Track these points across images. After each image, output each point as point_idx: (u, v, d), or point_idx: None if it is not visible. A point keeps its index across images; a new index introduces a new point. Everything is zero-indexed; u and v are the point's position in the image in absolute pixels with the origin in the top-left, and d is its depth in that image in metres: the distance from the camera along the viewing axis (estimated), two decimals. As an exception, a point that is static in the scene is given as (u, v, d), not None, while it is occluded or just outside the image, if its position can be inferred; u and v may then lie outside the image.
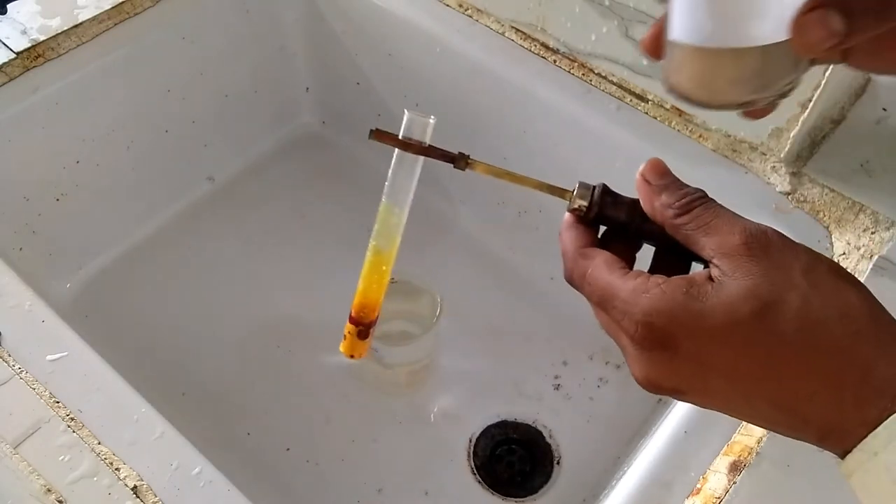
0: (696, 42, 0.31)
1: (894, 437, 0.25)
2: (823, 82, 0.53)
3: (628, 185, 0.34)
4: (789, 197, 0.58)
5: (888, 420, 0.25)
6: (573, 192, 0.34)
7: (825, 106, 0.58)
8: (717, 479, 0.45)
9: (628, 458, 0.60)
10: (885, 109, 0.63)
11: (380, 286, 0.36)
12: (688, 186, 0.32)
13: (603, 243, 0.34)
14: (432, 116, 0.34)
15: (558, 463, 0.66)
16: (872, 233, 0.55)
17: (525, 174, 0.35)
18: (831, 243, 0.55)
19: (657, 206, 0.31)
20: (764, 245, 0.28)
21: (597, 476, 0.64)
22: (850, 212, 0.56)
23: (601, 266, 0.31)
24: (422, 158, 0.34)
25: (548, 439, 0.67)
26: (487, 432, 0.68)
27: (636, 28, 0.59)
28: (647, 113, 0.63)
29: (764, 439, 0.46)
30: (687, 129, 0.62)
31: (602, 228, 0.35)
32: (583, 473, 0.65)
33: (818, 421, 0.27)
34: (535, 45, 0.67)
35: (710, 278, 0.28)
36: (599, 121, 0.63)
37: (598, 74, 0.64)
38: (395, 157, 0.35)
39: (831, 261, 0.29)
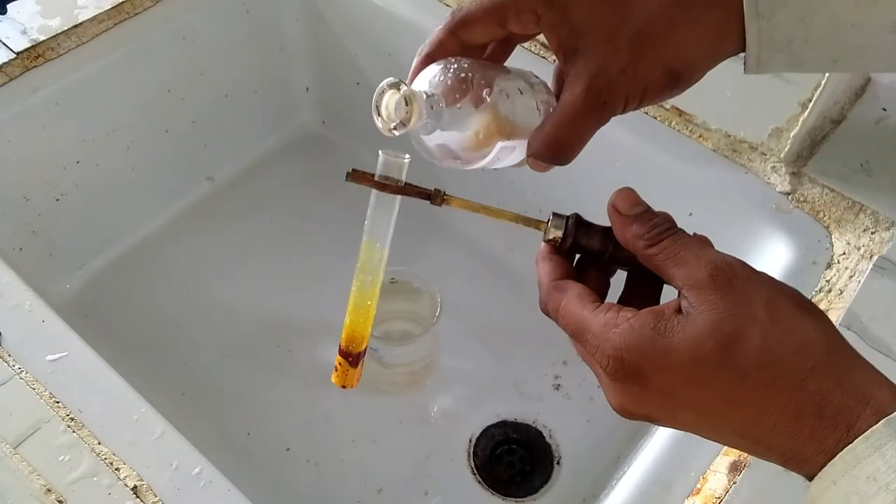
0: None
1: (850, 468, 0.26)
2: (823, 82, 0.54)
3: (628, 185, 0.34)
4: (789, 197, 0.58)
5: (843, 451, 0.26)
6: (548, 224, 0.36)
7: (825, 106, 0.58)
8: (717, 479, 0.45)
9: (628, 458, 0.60)
10: (885, 109, 0.63)
11: (366, 319, 0.37)
12: (657, 216, 0.32)
13: (578, 270, 0.36)
14: (407, 155, 0.35)
15: (558, 463, 0.66)
16: (872, 233, 0.55)
17: (500, 207, 0.37)
18: (831, 243, 0.55)
19: (629, 236, 0.32)
20: (729, 278, 0.29)
21: (597, 476, 0.64)
22: (850, 212, 0.56)
23: (573, 300, 0.32)
24: (399, 197, 0.35)
25: (548, 439, 0.67)
26: (487, 432, 0.68)
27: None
28: (647, 113, 0.63)
29: (764, 439, 0.46)
30: (687, 129, 0.62)
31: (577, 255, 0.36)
32: (583, 473, 0.65)
33: (780, 449, 0.28)
34: (535, 46, 0.67)
35: (679, 310, 0.29)
36: (599, 121, 0.63)
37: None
38: (372, 196, 0.36)
39: (794, 292, 0.30)
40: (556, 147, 0.33)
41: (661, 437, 0.49)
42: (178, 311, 0.73)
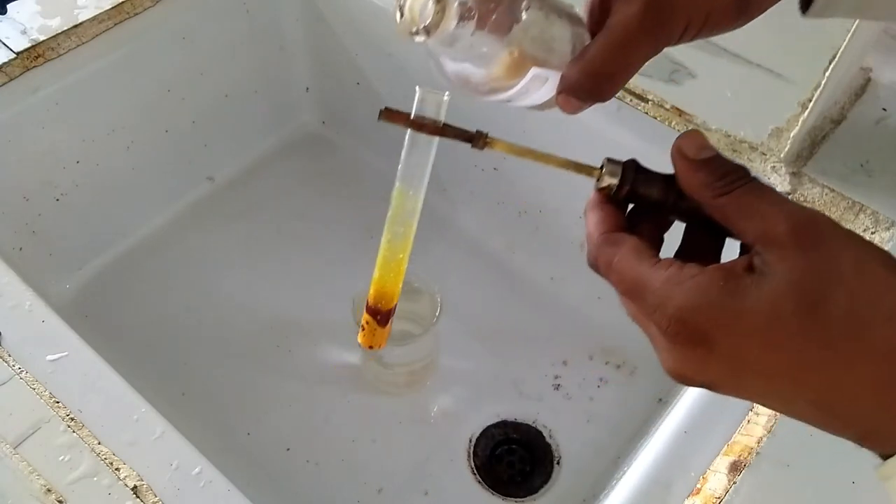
0: None
1: None
2: (823, 82, 0.54)
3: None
4: (789, 197, 0.58)
5: None
6: (601, 170, 0.31)
7: (825, 106, 0.58)
8: (717, 479, 0.45)
9: (628, 458, 0.60)
10: (885, 109, 0.63)
11: (397, 274, 0.34)
12: (729, 162, 0.29)
13: (630, 222, 0.32)
14: (447, 93, 0.31)
15: (558, 463, 0.66)
16: (872, 233, 0.55)
17: (550, 153, 0.32)
18: (831, 243, 0.55)
19: (695, 183, 0.29)
20: (811, 233, 0.26)
21: (597, 476, 0.64)
22: (850, 212, 0.56)
23: (629, 254, 0.29)
24: (437, 138, 0.32)
25: (548, 439, 0.67)
26: (487, 432, 0.68)
27: (636, 28, 0.59)
28: (647, 113, 0.63)
29: (764, 439, 0.46)
30: (687, 128, 0.62)
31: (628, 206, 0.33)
32: (583, 473, 0.65)
33: (859, 424, 0.27)
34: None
35: (751, 268, 0.26)
36: (599, 121, 0.63)
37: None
38: (407, 137, 0.32)
39: (885, 253, 0.27)
40: (599, 77, 0.30)
41: (661, 437, 0.49)
42: (178, 311, 0.73)
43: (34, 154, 0.66)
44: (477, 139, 0.32)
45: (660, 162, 0.32)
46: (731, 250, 0.30)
